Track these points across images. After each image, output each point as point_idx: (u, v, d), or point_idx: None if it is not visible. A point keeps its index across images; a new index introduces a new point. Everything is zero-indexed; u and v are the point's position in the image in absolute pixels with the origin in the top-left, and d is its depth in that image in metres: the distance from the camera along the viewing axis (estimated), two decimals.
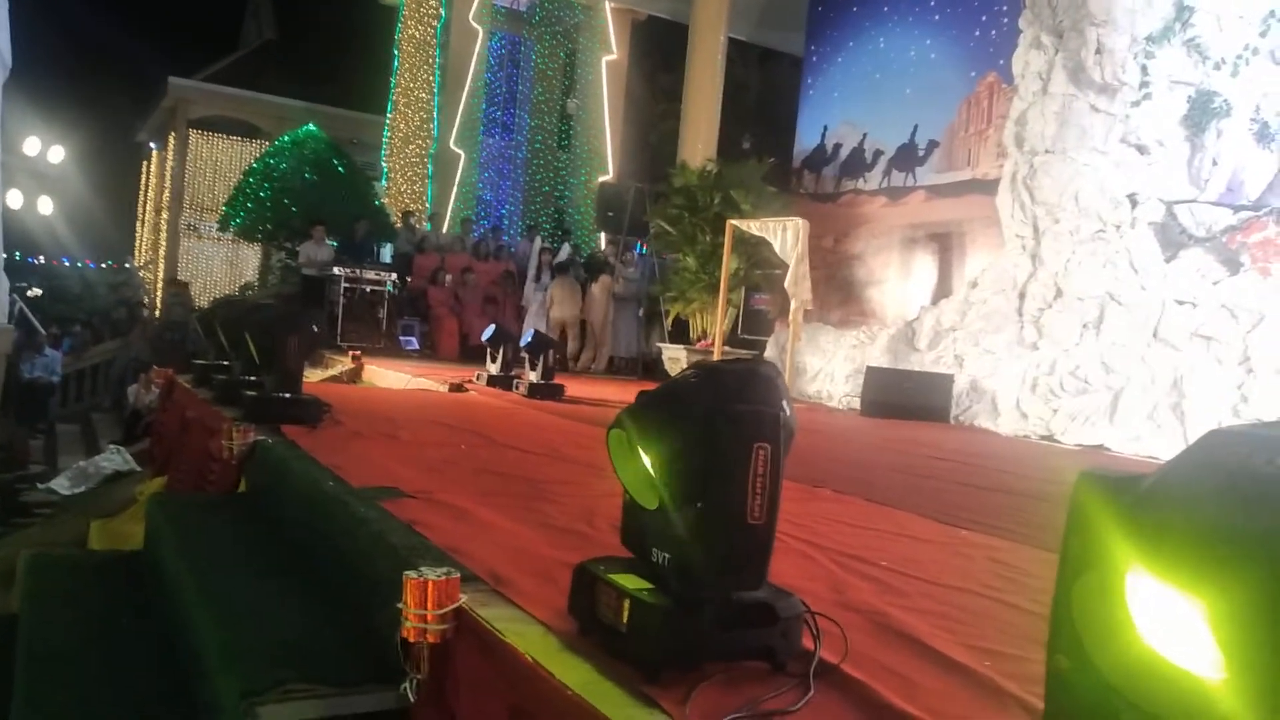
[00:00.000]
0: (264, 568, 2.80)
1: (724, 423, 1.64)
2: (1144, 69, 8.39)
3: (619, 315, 13.19)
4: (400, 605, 1.89)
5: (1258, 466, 0.91)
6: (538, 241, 14.05)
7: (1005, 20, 10.10)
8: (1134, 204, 8.26)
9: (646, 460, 1.69)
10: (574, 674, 1.62)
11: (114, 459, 8.71)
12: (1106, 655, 0.99)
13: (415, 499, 2.94)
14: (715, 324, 10.56)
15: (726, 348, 10.58)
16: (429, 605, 1.87)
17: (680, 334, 12.25)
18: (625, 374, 12.90)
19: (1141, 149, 8.50)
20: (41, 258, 30.51)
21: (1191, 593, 0.89)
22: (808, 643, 1.75)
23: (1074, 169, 8.45)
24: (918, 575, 2.58)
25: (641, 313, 13.39)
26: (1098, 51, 8.34)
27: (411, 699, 1.91)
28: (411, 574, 1.89)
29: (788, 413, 1.72)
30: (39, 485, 8.66)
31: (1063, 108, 8.60)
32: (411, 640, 1.89)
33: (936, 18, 11.30)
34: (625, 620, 1.66)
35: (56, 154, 16.49)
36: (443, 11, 18.17)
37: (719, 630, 1.65)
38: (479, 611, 1.90)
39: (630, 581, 1.72)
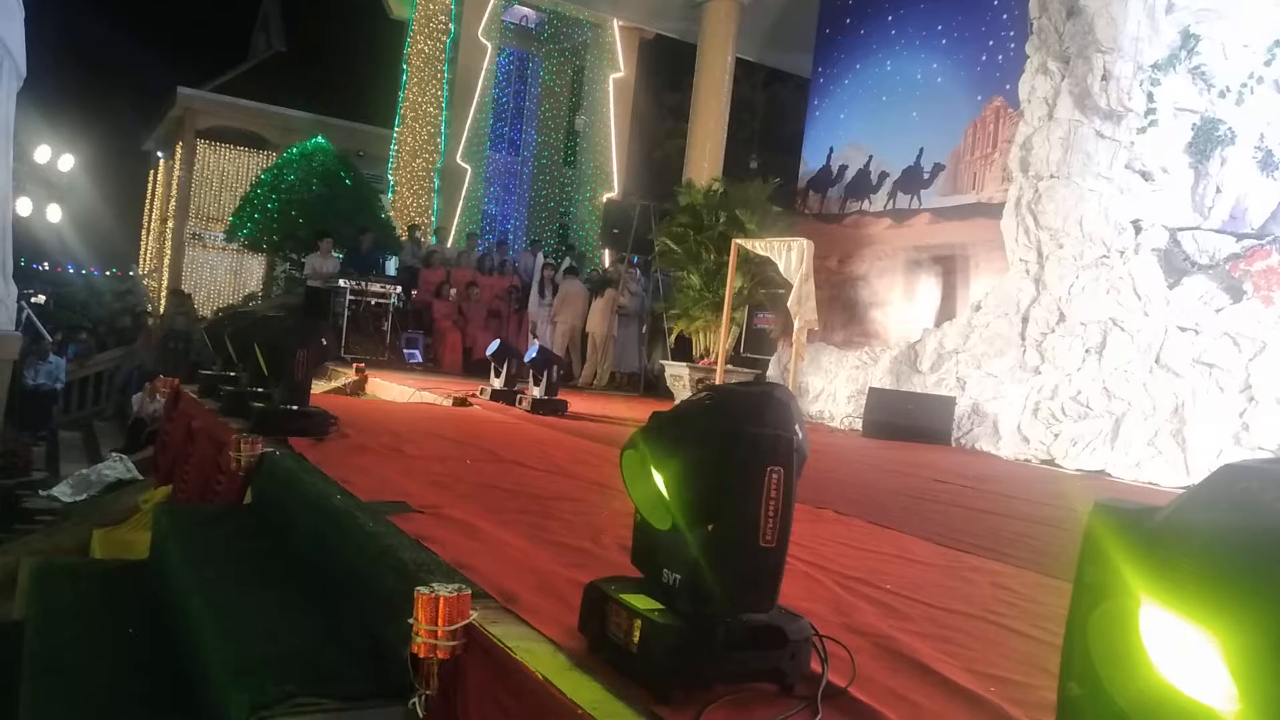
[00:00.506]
0: (272, 580, 2.81)
1: (738, 445, 1.65)
2: (1149, 96, 8.43)
3: (622, 331, 13.23)
4: (411, 620, 1.90)
5: (1271, 503, 0.93)
6: (540, 257, 14.10)
7: (1012, 46, 10.16)
8: (1138, 230, 8.29)
9: (659, 481, 1.71)
10: (584, 693, 1.63)
11: (116, 467, 8.73)
12: (1120, 684, 1.00)
13: (423, 514, 2.95)
14: (718, 342, 10.57)
15: (729, 366, 10.59)
16: (440, 621, 1.88)
17: (683, 351, 12.26)
18: (627, 390, 12.91)
19: (1146, 175, 8.53)
20: (46, 264, 30.60)
21: (1205, 626, 0.90)
22: (816, 666, 1.77)
23: (1078, 194, 8.48)
24: (922, 599, 2.59)
25: (644, 329, 13.42)
26: (1103, 78, 8.38)
27: (420, 715, 1.92)
28: (423, 589, 1.90)
29: (800, 437, 1.74)
30: (41, 492, 8.69)
31: (1068, 133, 8.63)
32: (421, 656, 1.90)
33: (944, 42, 11.36)
34: (636, 640, 1.67)
35: (66, 162, 16.57)
36: (452, 27, 18.29)
37: (729, 651, 1.66)
38: (489, 628, 1.91)
39: (641, 601, 1.73)
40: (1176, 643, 0.94)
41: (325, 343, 4.69)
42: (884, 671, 1.91)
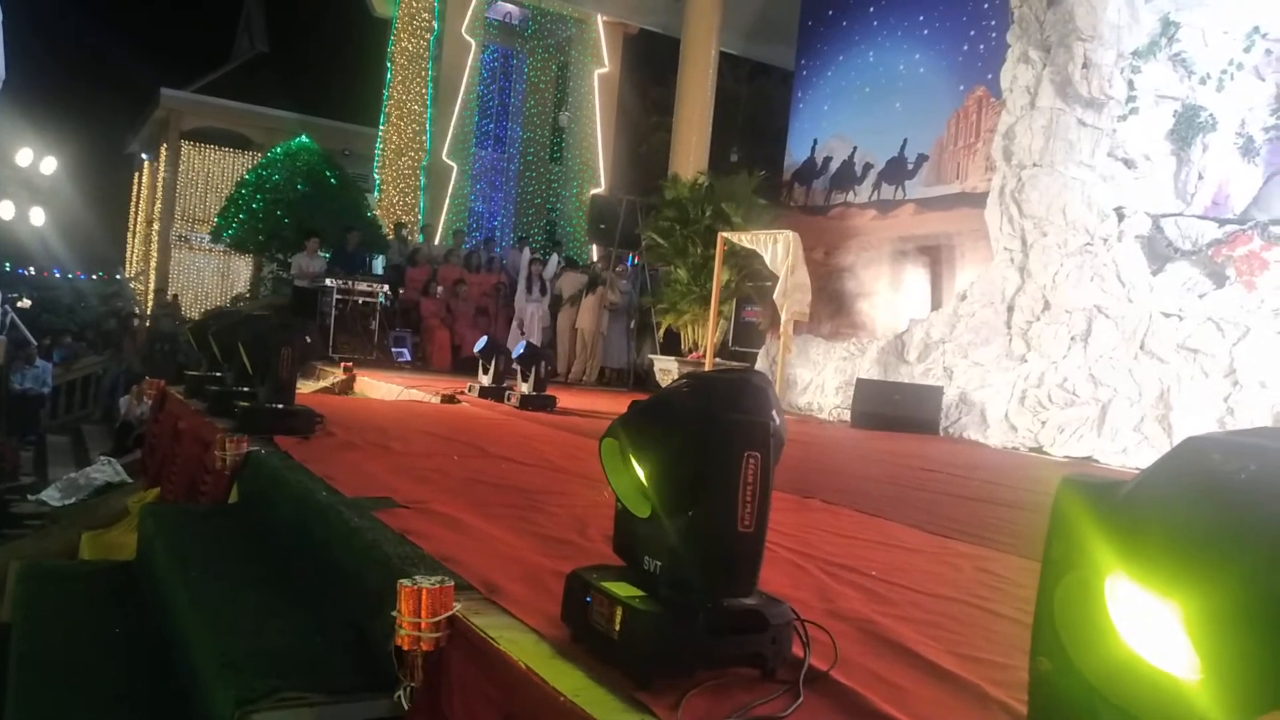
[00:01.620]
0: (257, 577, 2.81)
1: (715, 432, 1.66)
2: (1130, 84, 8.47)
3: (610, 327, 13.23)
4: (394, 613, 1.90)
5: (1231, 474, 0.94)
6: (526, 253, 14.08)
7: (994, 35, 10.19)
8: (1121, 217, 8.33)
9: (639, 469, 1.72)
10: (566, 680, 1.64)
11: (105, 470, 8.71)
12: (1087, 657, 1.02)
13: (408, 509, 2.95)
14: (706, 336, 10.60)
15: (718, 359, 10.62)
16: (423, 613, 1.89)
17: (671, 346, 12.28)
18: (616, 385, 12.91)
19: (1128, 163, 8.58)
20: (31, 269, 30.44)
21: (1167, 596, 0.92)
22: (797, 650, 1.78)
23: (1061, 182, 8.52)
24: (907, 584, 2.60)
25: (633, 324, 13.42)
26: (1084, 66, 8.41)
27: (405, 707, 1.93)
28: (406, 582, 1.91)
29: (778, 422, 1.75)
30: (29, 496, 8.65)
31: (1050, 122, 8.67)
32: (405, 648, 1.91)
33: (925, 32, 11.39)
34: (617, 627, 1.68)
35: (49, 165, 16.46)
36: (435, 25, 18.24)
37: (710, 637, 1.66)
38: (472, 619, 1.91)
39: (622, 589, 1.74)
40: (1141, 613, 0.95)
41: (309, 340, 4.68)
42: (867, 655, 1.92)
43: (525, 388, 7.57)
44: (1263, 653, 0.86)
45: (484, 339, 8.60)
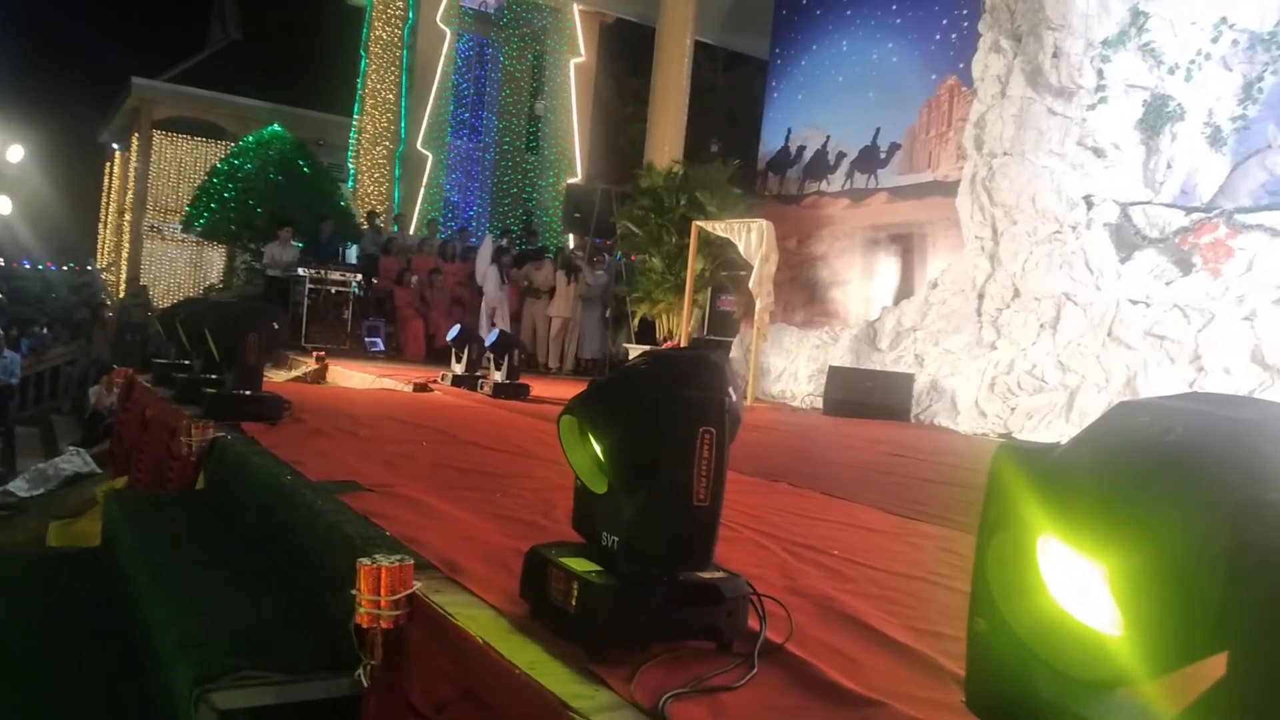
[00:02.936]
0: (220, 560, 2.80)
1: (670, 407, 1.67)
2: (1100, 73, 8.54)
3: (585, 316, 13.22)
4: (354, 592, 1.91)
5: (1156, 435, 0.96)
6: (488, 241, 13.97)
7: (965, 24, 10.25)
8: (1090, 206, 8.41)
9: (596, 445, 1.73)
10: (522, 654, 1.65)
11: (74, 461, 8.61)
12: (1020, 615, 1.04)
13: (373, 492, 2.95)
14: (681, 325, 10.62)
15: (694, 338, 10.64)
16: (382, 591, 1.90)
17: (647, 335, 12.30)
18: (592, 375, 12.91)
19: (1098, 151, 8.65)
20: (0, 259, 30.05)
21: (1093, 555, 0.94)
22: (754, 624, 1.80)
23: (1032, 171, 8.59)
24: (868, 563, 2.63)
25: (608, 313, 13.42)
26: (1054, 55, 8.48)
27: (365, 684, 1.93)
28: (365, 561, 1.91)
29: (733, 399, 1.77)
30: None
31: (1021, 110, 8.74)
32: (365, 626, 1.91)
33: (898, 21, 11.44)
34: (574, 601, 1.69)
35: (16, 153, 16.27)
36: (410, 13, 18.13)
37: (666, 610, 1.68)
38: (432, 597, 1.92)
39: (580, 564, 1.76)
40: (1069, 571, 0.97)
41: (277, 326, 4.66)
42: (822, 629, 1.94)
43: (498, 376, 7.56)
44: (1181, 610, 0.88)
45: (457, 327, 8.58)
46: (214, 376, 4.74)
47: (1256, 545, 0.86)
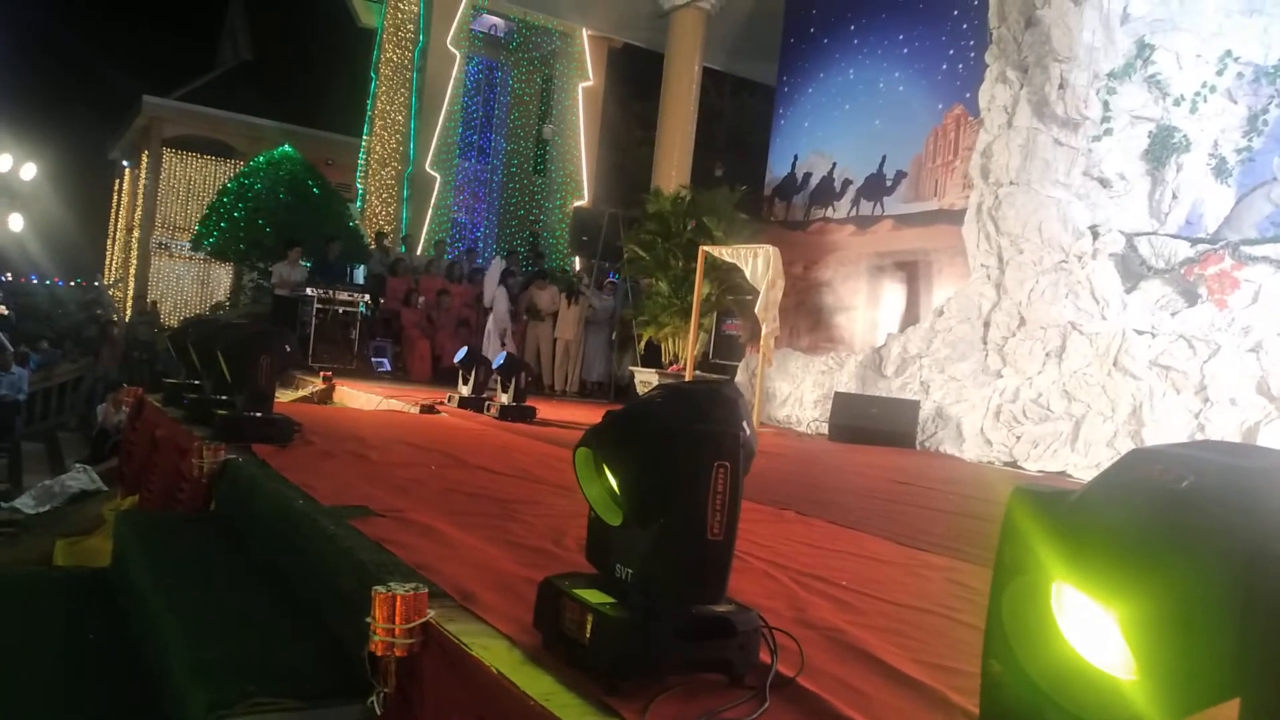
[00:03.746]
0: (233, 584, 2.82)
1: (685, 442, 1.70)
2: (1106, 104, 8.60)
3: (591, 339, 13.26)
4: (368, 619, 1.93)
5: (1169, 484, 0.99)
6: (497, 262, 14.02)
7: (972, 55, 10.33)
8: (1095, 236, 8.44)
9: (611, 478, 1.75)
10: (537, 685, 1.66)
11: (80, 478, 8.63)
12: (1034, 658, 1.06)
13: (385, 517, 2.97)
14: (687, 348, 10.64)
15: (698, 372, 10.66)
16: (397, 620, 1.91)
17: (652, 358, 12.32)
18: (597, 397, 12.93)
19: (1103, 182, 8.69)
20: (9, 275, 30.19)
21: (1106, 602, 0.96)
22: (766, 657, 1.81)
23: (1037, 201, 8.63)
24: (877, 595, 2.63)
25: (614, 336, 13.46)
26: (1061, 86, 8.54)
27: (378, 712, 1.94)
28: (380, 589, 1.93)
29: (748, 433, 1.79)
30: (3, 504, 8.56)
31: (1027, 141, 8.78)
32: (379, 654, 1.93)
33: (905, 51, 11.52)
34: (588, 633, 1.71)
35: (29, 171, 16.38)
36: (421, 36, 18.27)
37: (679, 643, 1.70)
38: (446, 626, 1.94)
39: (594, 596, 1.77)
40: (1083, 616, 0.99)
41: (289, 349, 4.69)
42: (833, 662, 1.96)
43: (505, 398, 7.58)
44: (1193, 656, 0.91)
45: (464, 349, 8.61)
46: (225, 398, 4.76)
47: (1266, 594, 0.88)
